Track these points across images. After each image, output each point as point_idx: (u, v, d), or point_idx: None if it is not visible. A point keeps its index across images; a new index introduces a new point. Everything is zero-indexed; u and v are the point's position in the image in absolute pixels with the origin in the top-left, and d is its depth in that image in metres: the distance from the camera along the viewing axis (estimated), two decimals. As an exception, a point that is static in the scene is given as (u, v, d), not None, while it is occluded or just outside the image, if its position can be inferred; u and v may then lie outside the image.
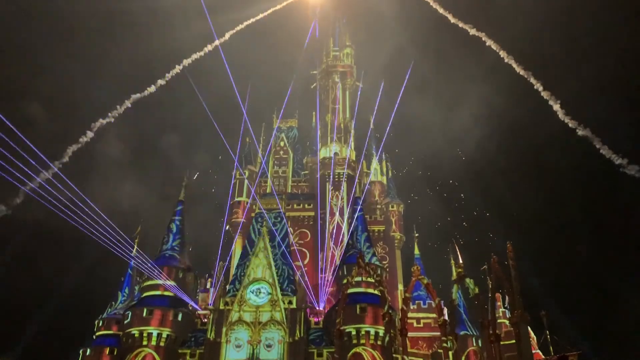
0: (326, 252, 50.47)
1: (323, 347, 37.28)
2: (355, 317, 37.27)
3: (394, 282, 50.36)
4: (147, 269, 40.18)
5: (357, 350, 36.56)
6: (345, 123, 58.95)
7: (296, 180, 57.62)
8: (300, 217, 53.87)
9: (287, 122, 62.12)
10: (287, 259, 42.13)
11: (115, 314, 40.97)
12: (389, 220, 54.84)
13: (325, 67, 62.69)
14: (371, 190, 58.92)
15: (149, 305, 38.02)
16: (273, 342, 36.80)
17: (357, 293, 38.48)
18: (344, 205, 52.88)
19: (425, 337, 43.01)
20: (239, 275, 40.64)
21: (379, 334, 36.66)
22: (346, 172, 54.66)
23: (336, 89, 61.06)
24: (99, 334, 40.56)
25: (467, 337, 41.09)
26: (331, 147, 56.68)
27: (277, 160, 58.59)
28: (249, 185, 55.69)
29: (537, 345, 41.46)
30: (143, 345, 36.81)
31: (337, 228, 51.65)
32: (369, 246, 43.02)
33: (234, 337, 37.10)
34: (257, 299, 38.56)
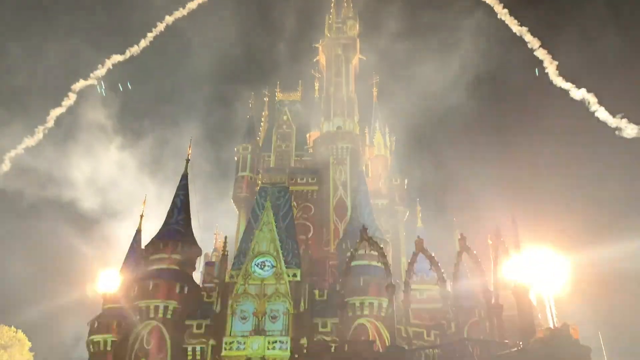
0: (330, 225, 50.76)
1: (327, 318, 37.76)
2: (358, 289, 37.65)
3: (398, 254, 50.76)
4: (152, 242, 40.53)
5: (360, 321, 37.04)
6: (349, 96, 58.53)
7: (299, 154, 57.53)
8: (303, 191, 53.97)
9: (290, 96, 61.78)
10: (291, 232, 42.42)
11: (122, 287, 41.48)
12: (392, 194, 54.98)
13: (328, 39, 61.95)
14: (375, 164, 58.93)
15: (155, 278, 38.47)
16: (278, 314, 37.33)
17: (361, 266, 38.80)
18: (347, 178, 52.92)
19: (428, 309, 43.44)
20: (244, 249, 41.00)
21: (382, 305, 37.06)
22: (349, 146, 54.52)
23: (339, 61, 60.45)
24: (106, 306, 41.20)
25: (469, 308, 41.47)
26: (334, 121, 56.43)
27: (280, 135, 58.40)
28: (252, 160, 55.74)
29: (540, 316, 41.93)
30: (150, 317, 37.35)
31: (340, 202, 51.80)
32: (372, 220, 43.21)
33: (240, 310, 37.62)
34: (262, 272, 38.97)
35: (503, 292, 43.14)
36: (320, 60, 62.96)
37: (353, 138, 55.19)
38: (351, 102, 58.21)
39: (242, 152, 55.98)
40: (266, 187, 45.46)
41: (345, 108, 57.24)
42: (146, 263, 40.72)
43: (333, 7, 64.75)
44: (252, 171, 55.01)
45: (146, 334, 36.94)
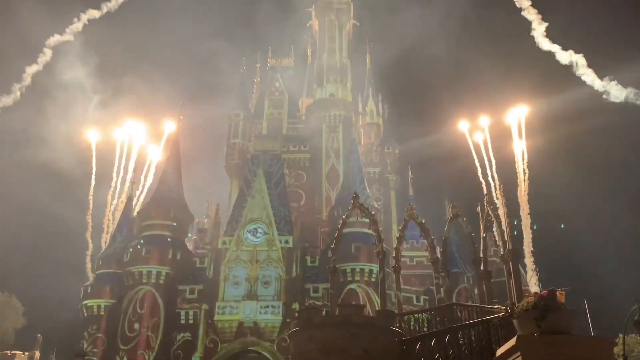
0: (322, 193, 50.91)
1: (319, 284, 38.36)
2: (350, 255, 38.12)
3: (389, 222, 51.19)
4: (145, 209, 40.60)
5: (351, 287, 37.67)
6: (342, 63, 57.78)
7: (292, 121, 57.08)
8: (296, 158, 53.79)
9: (282, 62, 60.79)
10: (284, 199, 42.59)
11: (115, 253, 41.70)
12: (384, 162, 55.07)
13: (321, 3, 60.72)
14: (367, 132, 58.75)
15: (147, 244, 38.71)
16: (270, 279, 37.81)
17: (352, 232, 39.07)
18: (340, 146, 52.78)
19: (418, 275, 44.20)
20: (236, 215, 41.18)
21: (373, 271, 37.62)
22: (342, 113, 54.17)
23: (332, 27, 59.43)
24: (99, 272, 41.47)
25: (458, 275, 42.26)
26: (327, 88, 55.84)
27: (272, 102, 57.77)
28: (244, 127, 55.31)
29: (527, 282, 42.80)
30: (143, 283, 37.76)
31: (332, 169, 51.81)
32: (364, 187, 43.39)
33: (232, 275, 38.06)
34: (255, 238, 39.26)
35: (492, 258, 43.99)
36: (313, 25, 61.84)
37: (346, 105, 54.78)
38: (344, 69, 57.49)
39: (233, 118, 55.44)
40: (258, 155, 45.35)
41: (338, 75, 56.57)
42: (139, 229, 40.89)
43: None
44: (244, 138, 54.63)
45: (139, 299, 37.39)
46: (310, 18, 61.94)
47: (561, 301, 9.01)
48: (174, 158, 44.34)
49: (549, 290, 8.70)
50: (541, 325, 7.93)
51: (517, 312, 8.51)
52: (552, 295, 8.46)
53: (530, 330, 8.13)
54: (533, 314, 8.13)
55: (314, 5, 61.68)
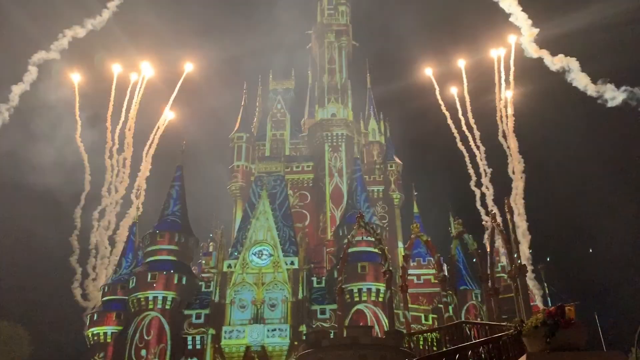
0: (326, 212, 50.85)
1: (326, 305, 38.06)
2: (356, 275, 37.90)
3: (394, 240, 50.92)
4: (150, 234, 40.57)
5: (359, 307, 37.36)
6: (342, 83, 58.27)
7: (294, 142, 57.38)
8: (299, 179, 53.97)
9: (283, 84, 61.31)
10: (288, 220, 42.51)
11: (120, 279, 41.63)
12: (387, 180, 54.97)
13: (320, 26, 61.50)
14: (370, 150, 58.84)
15: (153, 270, 38.59)
16: (277, 301, 37.53)
17: (358, 252, 38.99)
18: (342, 166, 52.92)
19: (425, 293, 43.84)
20: (241, 238, 41.09)
21: (380, 291, 37.34)
22: (344, 132, 54.44)
23: (332, 48, 60.09)
24: (105, 299, 41.31)
25: (466, 292, 41.91)
26: (329, 108, 56.23)
27: (274, 123, 58.17)
28: (248, 149, 55.57)
29: (536, 298, 42.34)
30: (149, 308, 37.55)
31: (336, 189, 51.83)
32: (368, 206, 43.34)
33: (238, 299, 37.81)
34: (260, 260, 39.10)
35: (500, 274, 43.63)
36: (313, 47, 62.54)
37: (347, 125, 55.10)
38: (345, 89, 57.98)
39: (236, 141, 55.74)
40: (262, 176, 45.42)
41: (339, 95, 57.04)
42: (144, 254, 40.85)
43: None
44: (248, 160, 54.85)
45: (146, 325, 37.14)
46: (310, 40, 62.66)
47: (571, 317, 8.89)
48: (177, 182, 44.46)
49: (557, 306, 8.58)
50: (551, 342, 7.82)
51: (526, 330, 8.40)
52: (560, 311, 8.35)
53: (540, 348, 8.01)
54: (542, 331, 8.02)
55: (313, 27, 62.47)
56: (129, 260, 43.36)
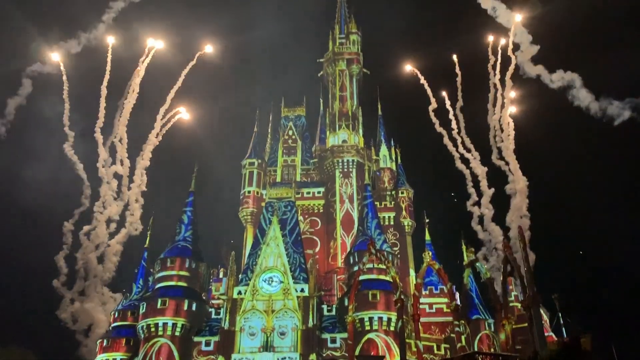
0: (337, 239, 50.66)
1: (336, 334, 37.59)
2: (367, 303, 37.49)
3: (406, 268, 50.44)
4: (161, 260, 40.62)
5: (370, 336, 36.83)
6: (353, 110, 58.79)
7: (305, 168, 57.67)
8: (310, 205, 54.04)
9: (295, 111, 62.04)
10: (298, 247, 42.34)
11: (131, 305, 41.52)
12: (399, 207, 54.82)
13: (331, 55, 62.41)
14: (381, 176, 58.87)
15: (163, 296, 38.49)
16: (286, 329, 37.15)
17: (369, 280, 38.67)
18: (353, 192, 52.95)
19: (437, 322, 43.15)
20: (251, 264, 40.95)
21: (392, 320, 36.85)
22: (355, 159, 54.64)
23: (343, 76, 60.82)
24: (115, 325, 41.16)
25: (479, 321, 41.19)
26: (340, 135, 56.61)
27: (285, 149, 58.65)
28: (259, 175, 55.89)
29: (550, 328, 41.51)
30: (158, 335, 37.34)
31: (347, 215, 51.75)
32: (379, 233, 43.11)
33: (248, 326, 37.49)
34: (270, 287, 38.87)
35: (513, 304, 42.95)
36: (324, 75, 63.38)
37: (358, 151, 55.33)
38: (355, 116, 58.48)
39: (248, 167, 56.13)
40: (273, 202, 45.48)
41: (350, 122, 57.49)
42: (154, 280, 40.83)
43: (336, 22, 65.37)
44: (259, 186, 55.13)
45: (155, 352, 36.90)
46: (322, 68, 63.51)
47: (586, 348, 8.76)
48: (189, 207, 44.67)
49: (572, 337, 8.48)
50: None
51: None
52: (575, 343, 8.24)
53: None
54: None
55: (325, 56, 63.38)
56: (139, 286, 43.32)
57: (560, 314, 36.43)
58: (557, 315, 36.16)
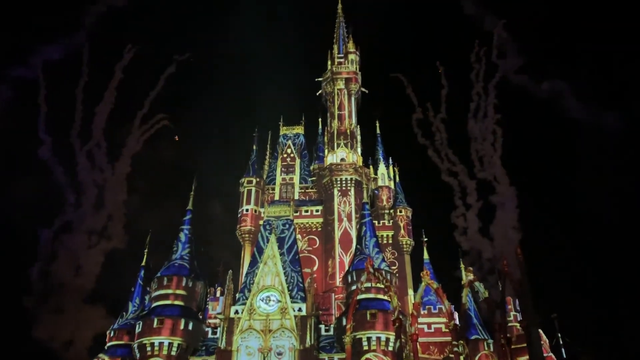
0: (335, 258, 50.47)
1: (334, 354, 37.23)
2: (365, 323, 37.18)
3: (404, 287, 50.17)
4: (157, 279, 40.34)
5: (368, 356, 36.46)
6: (351, 129, 59.07)
7: (303, 187, 57.74)
8: (308, 223, 53.98)
9: (294, 129, 62.35)
10: (296, 266, 42.13)
11: (127, 324, 41.14)
12: (397, 225, 54.76)
13: (330, 74, 62.92)
14: (379, 195, 58.94)
15: (159, 315, 38.13)
16: (284, 349, 36.77)
17: (367, 299, 38.43)
18: (352, 210, 52.90)
19: (436, 342, 42.81)
20: (248, 283, 40.70)
21: (390, 339, 36.52)
22: (353, 177, 54.71)
23: (341, 95, 61.23)
24: (110, 344, 40.73)
25: (478, 341, 40.86)
26: (338, 153, 56.80)
27: (284, 167, 58.77)
28: (257, 193, 55.88)
29: (549, 349, 41.15)
30: (154, 354, 36.90)
31: (345, 234, 51.64)
32: (377, 252, 42.95)
33: (245, 346, 37.12)
34: (267, 306, 38.59)
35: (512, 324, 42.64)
36: (323, 93, 63.82)
37: (357, 169, 55.44)
38: (354, 134, 58.76)
39: (246, 185, 56.15)
40: (270, 220, 45.37)
41: (348, 140, 57.72)
42: (151, 299, 40.51)
43: (335, 41, 66.03)
44: (257, 204, 55.09)
45: (151, 372, 36.42)
46: (321, 87, 63.98)
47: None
48: (186, 226, 44.53)
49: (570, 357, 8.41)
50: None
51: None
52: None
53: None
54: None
55: (323, 75, 63.92)
56: (135, 305, 42.98)
57: (559, 335, 36.11)
58: (557, 336, 35.85)
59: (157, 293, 39.84)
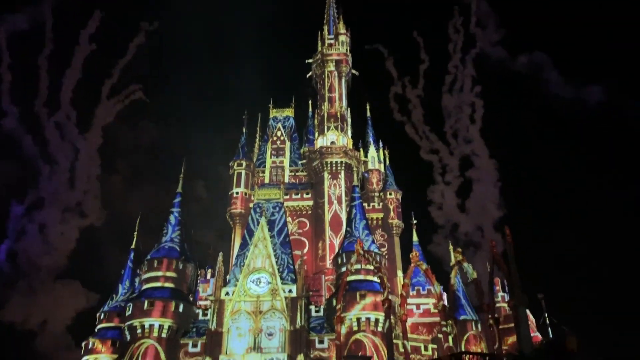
0: (325, 240, 50.67)
1: (324, 335, 37.59)
2: (355, 304, 37.53)
3: (393, 269, 50.65)
4: (148, 261, 40.28)
5: (357, 336, 36.86)
6: (342, 111, 58.82)
7: (294, 169, 57.63)
8: (298, 206, 54.03)
9: (284, 112, 61.98)
10: (287, 248, 42.27)
11: (117, 307, 41.16)
12: (387, 208, 54.98)
13: (320, 55, 62.40)
14: (369, 178, 59.04)
15: (149, 297, 38.17)
16: (274, 330, 37.04)
17: (357, 280, 38.73)
18: (342, 193, 52.98)
19: (425, 323, 43.34)
20: (239, 265, 40.81)
21: (379, 320, 36.92)
22: (343, 160, 54.67)
23: (332, 77, 60.82)
24: (101, 326, 40.78)
25: (466, 322, 41.41)
26: (328, 136, 56.65)
27: (274, 150, 58.54)
28: (247, 176, 55.71)
29: (536, 328, 41.87)
30: (145, 336, 37.02)
31: (335, 216, 51.78)
32: (367, 234, 43.16)
33: (236, 327, 37.34)
34: (258, 288, 38.75)
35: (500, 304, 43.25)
36: (313, 76, 63.34)
37: (347, 152, 55.36)
38: (344, 117, 58.54)
39: (236, 168, 55.90)
40: (261, 203, 45.36)
41: (338, 123, 57.52)
42: (141, 281, 40.50)
43: (325, 22, 65.38)
44: (247, 187, 54.94)
45: (141, 354, 36.56)
46: (311, 69, 63.47)
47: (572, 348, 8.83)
48: (176, 208, 44.37)
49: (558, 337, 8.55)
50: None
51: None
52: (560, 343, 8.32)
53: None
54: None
55: (313, 56, 63.34)
56: (125, 287, 42.95)
57: (546, 315, 36.70)
58: (544, 316, 36.43)
59: (147, 275, 39.82)
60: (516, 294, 23.06)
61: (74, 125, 48.09)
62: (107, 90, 50.41)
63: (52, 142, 46.37)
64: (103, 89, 50.48)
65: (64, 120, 47.72)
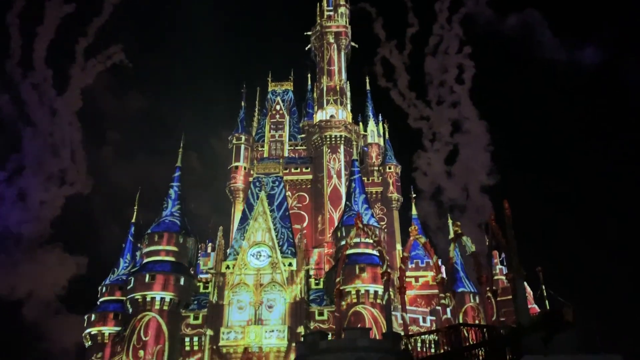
0: (324, 214, 50.87)
1: (324, 307, 38.10)
2: (354, 276, 37.91)
3: (392, 242, 50.98)
4: (148, 235, 40.52)
5: (357, 308, 37.34)
6: (341, 85, 58.33)
7: (293, 143, 57.45)
8: (298, 180, 54.05)
9: (282, 85, 61.40)
10: (286, 222, 42.48)
11: (118, 280, 41.64)
12: (386, 182, 55.04)
13: (319, 28, 61.52)
14: (368, 152, 58.92)
15: (151, 271, 38.52)
16: (275, 303, 37.52)
17: (356, 254, 39.02)
18: (341, 167, 52.96)
19: (423, 295, 43.90)
20: (239, 239, 41.06)
21: (378, 292, 37.35)
22: (343, 134, 54.47)
23: (331, 50, 60.11)
24: (103, 299, 41.30)
25: (464, 294, 41.94)
26: (327, 110, 56.32)
27: (273, 124, 58.23)
28: (246, 150, 55.57)
29: (534, 300, 42.36)
30: (147, 309, 37.48)
31: (334, 190, 51.86)
32: (366, 208, 43.31)
33: (236, 300, 37.79)
34: (258, 261, 39.09)
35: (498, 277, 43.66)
36: (312, 48, 62.59)
37: (346, 126, 55.15)
38: (344, 91, 58.09)
39: (235, 142, 55.72)
40: (260, 177, 45.39)
41: (337, 97, 57.10)
42: (142, 255, 40.80)
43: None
44: (246, 161, 54.87)
45: (143, 326, 37.08)
46: (310, 41, 62.66)
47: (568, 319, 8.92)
48: (176, 182, 44.40)
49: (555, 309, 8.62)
50: (548, 345, 7.87)
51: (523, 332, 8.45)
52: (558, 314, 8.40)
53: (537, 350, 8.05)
54: (540, 334, 8.06)
55: (312, 29, 62.45)
56: (126, 261, 43.36)
57: (543, 287, 37.09)
58: (541, 288, 36.81)
59: (149, 249, 40.09)
60: (514, 267, 23.23)
61: (50, 86, 46.19)
62: (82, 49, 48.28)
63: (30, 103, 44.63)
64: (77, 47, 48.31)
65: (40, 81, 45.85)
